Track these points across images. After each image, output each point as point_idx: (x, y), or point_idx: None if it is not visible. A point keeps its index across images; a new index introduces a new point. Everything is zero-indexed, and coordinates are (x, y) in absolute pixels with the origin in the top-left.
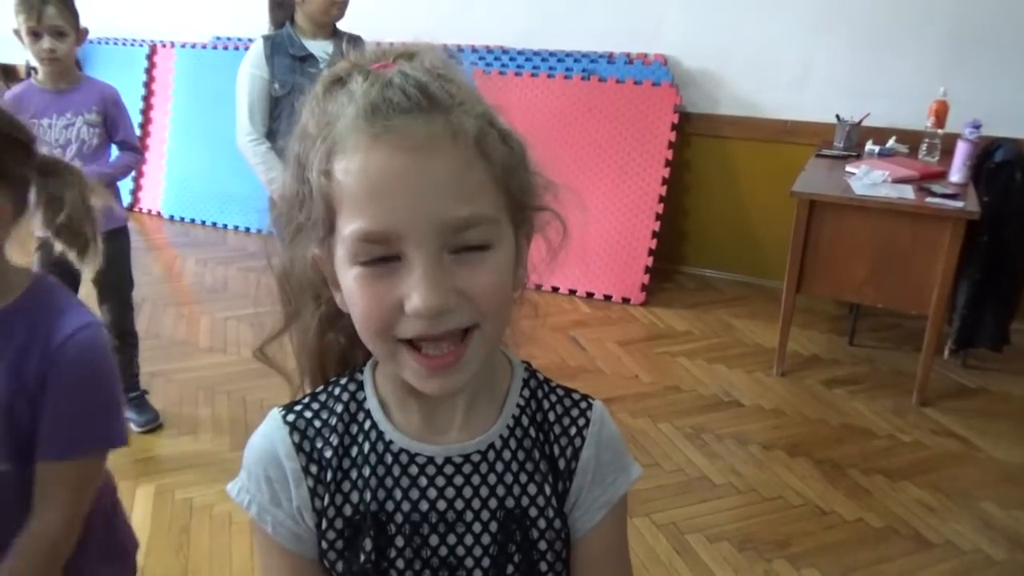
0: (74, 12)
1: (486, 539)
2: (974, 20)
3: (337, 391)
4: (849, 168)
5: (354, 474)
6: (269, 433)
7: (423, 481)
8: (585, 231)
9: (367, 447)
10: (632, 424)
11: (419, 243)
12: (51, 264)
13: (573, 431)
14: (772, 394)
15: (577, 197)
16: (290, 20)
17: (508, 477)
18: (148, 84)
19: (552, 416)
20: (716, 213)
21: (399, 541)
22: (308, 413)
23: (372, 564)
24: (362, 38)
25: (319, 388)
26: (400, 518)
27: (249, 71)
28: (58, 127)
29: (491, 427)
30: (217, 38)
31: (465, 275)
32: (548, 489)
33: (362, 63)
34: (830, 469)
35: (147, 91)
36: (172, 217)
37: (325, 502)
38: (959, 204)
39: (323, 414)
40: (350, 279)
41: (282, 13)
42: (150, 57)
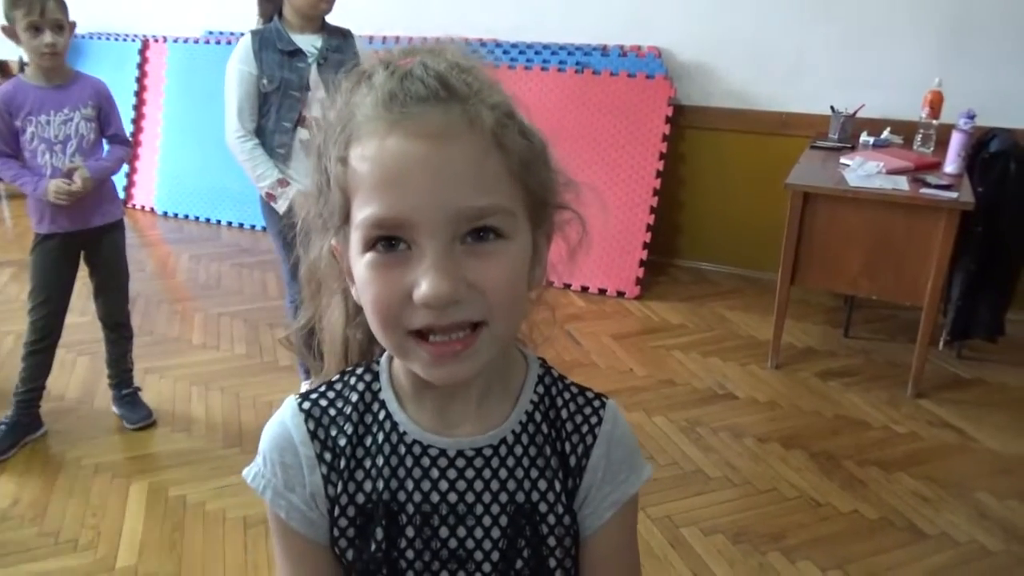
0: (66, 5)
1: (496, 533)
2: (968, 10)
3: (353, 380)
4: (843, 160)
5: (367, 463)
6: (284, 420)
7: (435, 473)
8: (592, 227)
9: (381, 437)
10: (627, 418)
11: (431, 231)
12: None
13: (585, 428)
14: (767, 386)
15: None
16: (278, 14)
17: (519, 472)
18: (141, 79)
19: (565, 413)
20: (710, 206)
21: (410, 532)
22: (323, 401)
23: (383, 553)
24: (351, 32)
25: (335, 377)
26: (411, 509)
27: (237, 67)
28: (56, 123)
29: (504, 422)
30: (209, 32)
31: (476, 267)
32: (558, 485)
33: (388, 59)
34: (825, 461)
35: (140, 86)
36: (165, 213)
37: (338, 489)
38: (954, 195)
39: (338, 403)
40: (362, 266)
41: (271, 6)
42: (142, 52)
